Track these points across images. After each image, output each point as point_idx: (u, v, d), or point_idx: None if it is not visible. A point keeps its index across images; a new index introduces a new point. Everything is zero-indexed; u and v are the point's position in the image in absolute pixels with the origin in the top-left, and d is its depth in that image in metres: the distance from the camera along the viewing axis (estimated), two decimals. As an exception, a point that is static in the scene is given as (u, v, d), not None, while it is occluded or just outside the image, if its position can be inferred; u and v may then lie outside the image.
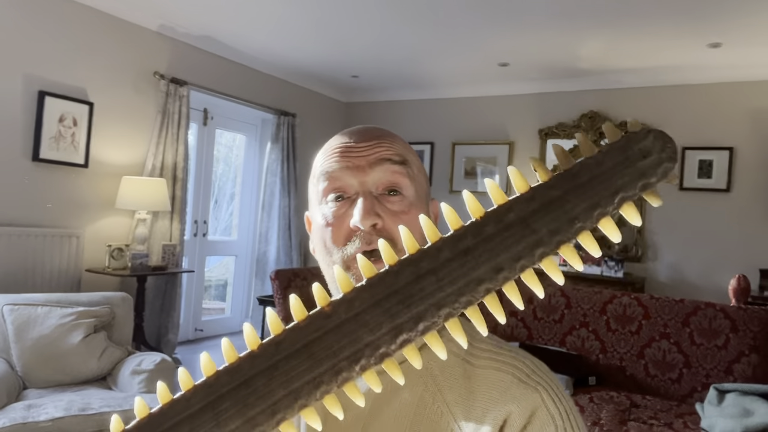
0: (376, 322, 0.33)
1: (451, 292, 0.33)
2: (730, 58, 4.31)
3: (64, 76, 3.74)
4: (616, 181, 0.33)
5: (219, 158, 5.57)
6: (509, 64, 4.85)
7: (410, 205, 0.63)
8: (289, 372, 0.33)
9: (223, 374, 0.34)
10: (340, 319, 0.33)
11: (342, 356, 0.33)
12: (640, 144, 0.33)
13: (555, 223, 0.33)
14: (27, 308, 2.73)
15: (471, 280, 0.33)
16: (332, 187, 0.64)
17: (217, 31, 4.46)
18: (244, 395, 0.33)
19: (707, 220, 4.65)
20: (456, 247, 0.33)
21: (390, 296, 0.33)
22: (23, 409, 2.26)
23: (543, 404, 0.58)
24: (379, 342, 0.32)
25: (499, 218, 0.33)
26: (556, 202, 0.33)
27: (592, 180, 0.33)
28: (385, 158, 0.63)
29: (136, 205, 3.89)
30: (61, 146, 3.72)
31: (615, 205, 0.33)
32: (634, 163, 0.33)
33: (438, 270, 0.33)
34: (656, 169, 0.33)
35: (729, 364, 2.66)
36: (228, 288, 5.69)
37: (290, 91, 5.62)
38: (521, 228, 0.33)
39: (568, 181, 0.33)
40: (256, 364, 0.33)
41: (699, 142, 4.71)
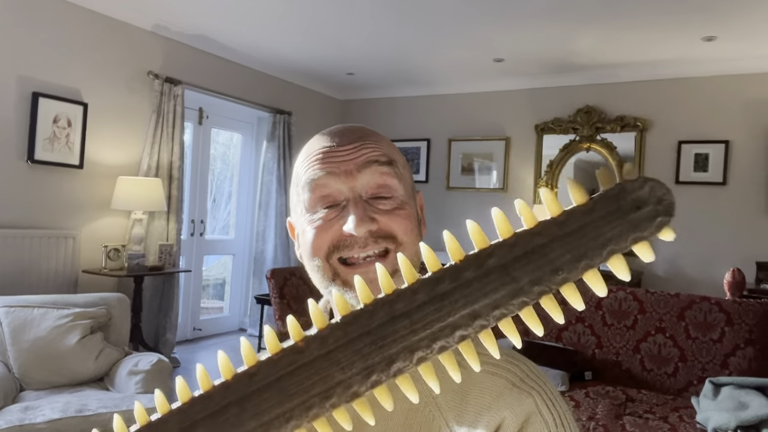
0: (348, 361, 0.32)
1: (425, 337, 0.32)
2: (724, 52, 4.31)
3: (57, 77, 3.73)
4: (605, 232, 0.31)
5: (216, 157, 5.56)
6: (504, 60, 4.85)
7: (401, 202, 0.62)
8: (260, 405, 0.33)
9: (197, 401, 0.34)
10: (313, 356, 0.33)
11: (313, 392, 0.33)
12: (634, 194, 0.31)
13: (537, 272, 0.31)
14: (23, 310, 2.73)
15: (446, 326, 0.32)
16: (320, 195, 0.61)
17: (211, 30, 4.46)
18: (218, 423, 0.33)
19: (704, 213, 4.66)
20: (432, 291, 0.32)
21: (363, 336, 0.33)
22: (20, 411, 2.27)
23: (537, 409, 0.58)
24: (350, 381, 0.32)
25: (480, 263, 0.32)
26: (539, 251, 0.31)
27: (581, 229, 0.31)
28: (372, 160, 0.61)
29: (132, 206, 3.89)
30: (56, 147, 3.71)
31: (603, 258, 0.31)
32: (626, 215, 0.31)
33: (412, 313, 0.32)
34: (650, 222, 0.31)
35: (724, 357, 2.67)
36: (226, 287, 5.70)
37: (286, 89, 5.61)
38: (501, 275, 0.32)
39: (555, 228, 0.32)
40: (228, 394, 0.34)
41: (695, 136, 4.71)
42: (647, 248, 0.31)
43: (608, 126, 5.00)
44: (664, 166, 4.82)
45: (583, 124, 5.09)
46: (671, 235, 0.31)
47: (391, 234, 0.60)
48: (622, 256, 0.31)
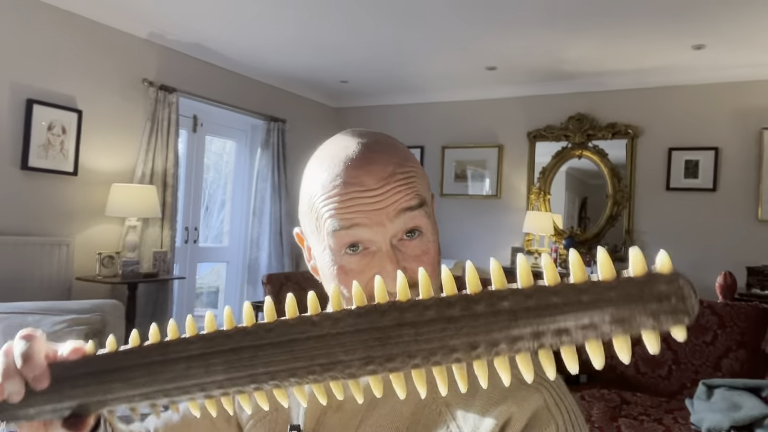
0: (352, 346, 0.35)
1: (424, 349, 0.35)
2: (713, 60, 4.38)
3: (52, 84, 3.73)
4: (621, 312, 0.32)
5: (209, 165, 5.56)
6: (497, 68, 4.90)
7: (428, 242, 0.60)
8: (270, 356, 0.37)
9: (220, 336, 0.38)
10: (323, 332, 0.36)
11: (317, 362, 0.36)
12: (662, 286, 0.32)
13: (542, 327, 0.33)
14: (17, 317, 2.71)
15: (445, 346, 0.34)
16: (345, 242, 0.58)
17: (205, 38, 4.48)
18: (232, 359, 0.37)
19: (694, 219, 4.71)
20: (442, 312, 0.35)
21: (371, 330, 0.35)
22: (14, 418, 2.25)
23: (545, 404, 0.58)
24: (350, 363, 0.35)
25: (493, 302, 0.34)
26: (551, 310, 0.33)
27: (597, 302, 0.32)
28: (404, 207, 0.58)
29: (126, 212, 3.88)
30: (50, 154, 3.71)
31: (609, 333, 0.32)
32: (647, 302, 0.32)
33: (419, 325, 0.35)
34: (668, 315, 0.31)
35: (717, 359, 2.70)
36: (220, 294, 5.68)
37: (280, 96, 5.63)
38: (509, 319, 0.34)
39: (573, 294, 0.33)
40: (246, 339, 0.37)
41: (685, 143, 4.77)
42: (655, 338, 0.32)
43: (600, 133, 5.05)
44: (654, 173, 4.88)
45: (574, 132, 5.15)
46: (684, 335, 0.31)
47: (415, 283, 0.59)
48: (627, 338, 0.32)
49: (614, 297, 0.32)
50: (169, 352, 0.39)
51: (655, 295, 0.32)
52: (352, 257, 0.58)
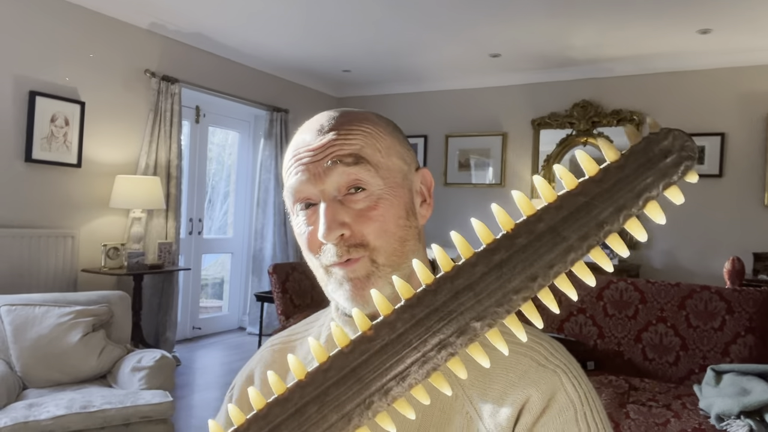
0: (420, 340, 0.34)
1: (490, 305, 0.34)
2: (719, 44, 4.34)
3: (54, 76, 3.72)
4: (639, 183, 0.34)
5: (212, 157, 5.55)
6: (500, 55, 4.86)
7: (377, 199, 0.60)
8: (339, 397, 0.34)
9: (274, 405, 0.35)
10: (384, 341, 0.34)
11: (389, 376, 0.34)
12: (660, 145, 0.34)
13: (584, 228, 0.34)
14: (24, 308, 2.72)
15: (508, 291, 0.34)
16: (296, 199, 0.62)
17: (207, 28, 4.45)
18: (298, 424, 0.34)
19: (700, 206, 4.69)
20: (490, 261, 0.34)
21: (430, 315, 0.34)
22: (24, 408, 2.26)
23: (562, 387, 0.57)
24: (425, 358, 0.34)
25: (530, 229, 0.34)
26: (583, 209, 0.34)
27: (617, 184, 0.34)
28: (336, 160, 0.60)
29: (130, 204, 3.88)
30: (54, 146, 3.70)
31: (640, 206, 0.34)
32: (655, 164, 0.34)
33: (474, 285, 0.34)
34: (677, 167, 0.34)
35: (725, 345, 2.69)
36: (225, 286, 5.69)
37: (282, 86, 5.61)
38: (552, 236, 0.34)
39: (594, 186, 0.34)
40: (306, 393, 0.34)
41: (691, 129, 4.74)
42: (678, 192, 0.34)
43: (604, 120, 5.02)
44: (660, 159, 4.84)
45: (579, 119, 5.11)
46: (696, 177, 0.35)
47: (361, 242, 0.59)
48: (656, 203, 0.34)
49: (629, 172, 0.34)
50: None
51: (660, 155, 0.34)
52: (305, 213, 0.62)
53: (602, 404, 0.61)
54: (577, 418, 0.56)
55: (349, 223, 0.59)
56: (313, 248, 0.61)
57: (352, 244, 0.59)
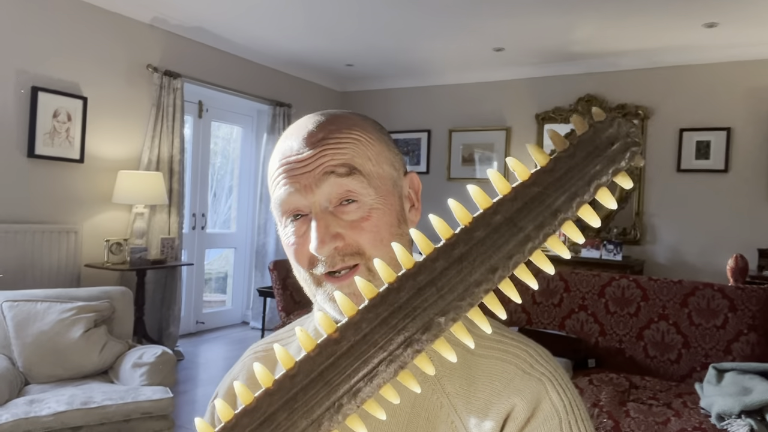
0: (386, 339, 0.34)
1: (453, 299, 0.34)
2: (725, 38, 4.29)
3: (56, 71, 3.72)
4: (589, 170, 0.35)
5: (217, 151, 5.55)
6: (504, 49, 4.82)
7: (369, 209, 0.59)
8: (308, 402, 0.34)
9: (242, 416, 0.34)
10: (350, 343, 0.34)
11: (358, 377, 0.34)
12: (606, 132, 0.35)
13: (539, 217, 0.34)
14: (26, 304, 2.73)
15: (470, 284, 0.34)
16: (285, 210, 0.60)
17: (209, 23, 4.44)
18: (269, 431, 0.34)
19: (705, 201, 4.65)
20: (450, 256, 0.35)
21: (394, 313, 0.34)
22: (25, 404, 2.27)
23: (547, 395, 0.57)
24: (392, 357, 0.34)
25: (488, 222, 0.35)
26: (537, 198, 0.35)
27: (568, 172, 0.35)
28: (328, 171, 0.58)
29: (133, 200, 3.89)
30: (56, 142, 3.71)
31: (591, 193, 0.35)
32: (603, 152, 0.35)
33: (436, 280, 0.34)
34: (624, 153, 0.35)
35: (728, 343, 2.67)
36: (228, 280, 5.70)
37: (285, 81, 5.59)
38: (509, 227, 0.35)
39: (546, 176, 0.35)
40: (274, 401, 0.34)
41: (696, 123, 4.69)
42: (625, 178, 0.35)
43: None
44: (665, 154, 4.81)
45: (584, 113, 5.07)
46: (642, 161, 0.36)
47: (357, 251, 0.58)
48: (606, 189, 0.35)
49: (578, 161, 0.35)
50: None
51: (607, 142, 0.35)
52: (294, 224, 0.60)
53: (587, 411, 0.61)
54: (562, 427, 0.56)
55: (342, 234, 0.58)
56: (302, 260, 0.60)
57: (347, 253, 0.58)
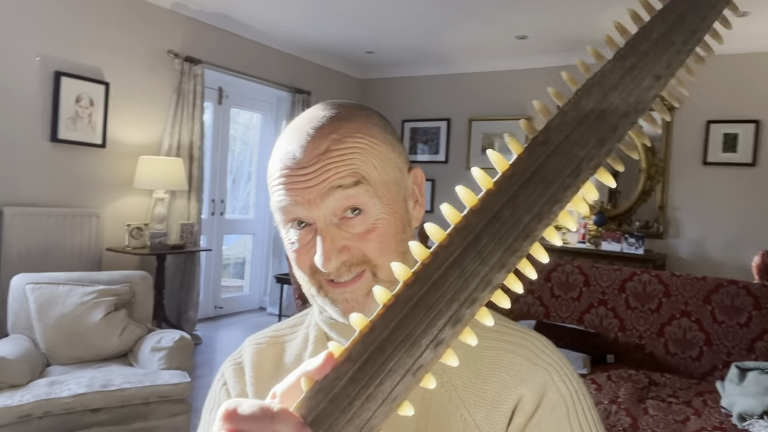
0: (584, 138, 0.37)
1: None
2: (757, 28, 4.16)
3: (79, 56, 3.74)
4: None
5: (236, 137, 5.57)
6: (527, 37, 4.74)
7: (376, 219, 0.58)
8: (528, 198, 0.36)
9: (471, 216, 0.37)
10: (555, 144, 0.37)
11: (566, 173, 0.36)
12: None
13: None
14: (49, 287, 2.78)
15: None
16: (288, 219, 0.59)
17: (230, 8, 4.42)
18: (497, 228, 0.36)
19: (731, 195, 4.54)
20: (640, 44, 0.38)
21: (588, 115, 0.37)
22: (46, 386, 2.32)
23: (554, 385, 0.58)
24: (591, 154, 0.37)
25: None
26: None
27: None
28: (335, 185, 0.56)
29: (153, 185, 3.92)
30: (79, 126, 3.74)
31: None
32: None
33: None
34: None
35: (751, 341, 2.62)
36: (246, 266, 5.75)
37: (305, 68, 5.57)
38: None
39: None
40: (498, 200, 0.37)
41: (724, 115, 4.58)
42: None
43: (634, 105, 4.88)
44: (691, 147, 4.71)
45: (607, 104, 4.97)
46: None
47: (363, 259, 0.58)
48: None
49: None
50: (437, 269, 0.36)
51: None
52: (299, 231, 0.59)
53: (593, 402, 0.61)
54: (569, 416, 0.57)
55: (348, 246, 0.57)
56: (304, 267, 0.59)
57: (353, 263, 0.57)
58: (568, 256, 4.66)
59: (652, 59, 0.38)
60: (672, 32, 0.38)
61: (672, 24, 0.39)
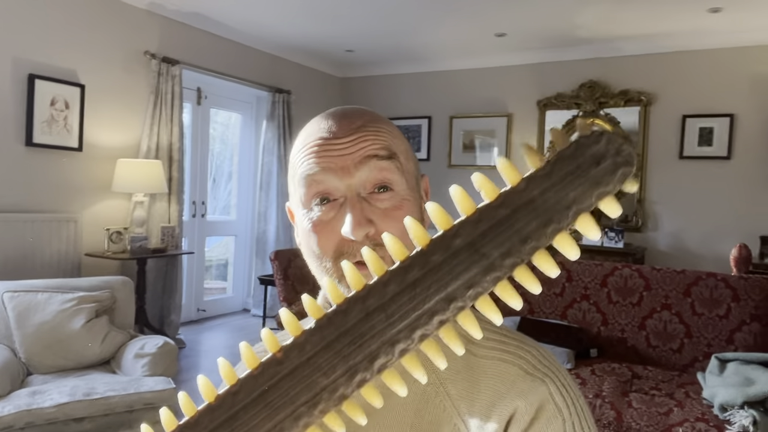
0: (330, 364, 0.32)
1: (403, 328, 0.31)
2: (730, 23, 4.23)
3: (53, 58, 3.67)
4: (568, 193, 0.30)
5: (215, 137, 5.51)
6: (506, 35, 4.77)
7: (402, 199, 0.59)
8: (248, 422, 0.32)
9: (184, 428, 0.33)
10: (293, 365, 0.32)
11: (299, 402, 0.32)
12: (591, 149, 0.30)
13: (506, 244, 0.30)
14: (27, 295, 2.72)
15: (422, 314, 0.31)
16: (315, 191, 0.59)
17: (207, 8, 4.37)
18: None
19: (708, 188, 4.63)
20: (403, 281, 0.31)
21: (341, 337, 0.32)
22: (28, 396, 2.27)
23: (550, 397, 0.57)
24: (335, 384, 0.32)
25: (446, 245, 0.31)
26: (505, 222, 0.30)
27: (543, 194, 0.30)
28: (371, 155, 0.58)
29: (132, 188, 3.86)
30: (54, 130, 3.67)
31: (569, 219, 0.30)
32: (586, 172, 0.30)
33: (386, 306, 0.31)
34: (612, 175, 0.29)
35: (730, 333, 2.67)
36: (229, 267, 5.70)
37: (284, 67, 5.54)
38: (470, 254, 0.31)
39: (517, 197, 0.31)
40: (216, 416, 0.33)
41: (699, 110, 4.66)
42: (613, 203, 0.30)
43: (612, 101, 4.94)
44: (668, 141, 4.78)
45: (586, 99, 5.03)
46: (634, 186, 0.30)
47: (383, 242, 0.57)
48: (589, 215, 0.30)
49: (556, 181, 0.30)
50: None
51: (592, 161, 0.30)
52: (321, 209, 0.59)
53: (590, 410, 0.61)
54: (566, 427, 0.56)
55: (374, 221, 0.57)
56: (327, 247, 0.58)
57: (378, 243, 0.57)
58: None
59: (446, 275, 0.31)
60: (486, 240, 0.31)
61: (490, 228, 0.31)
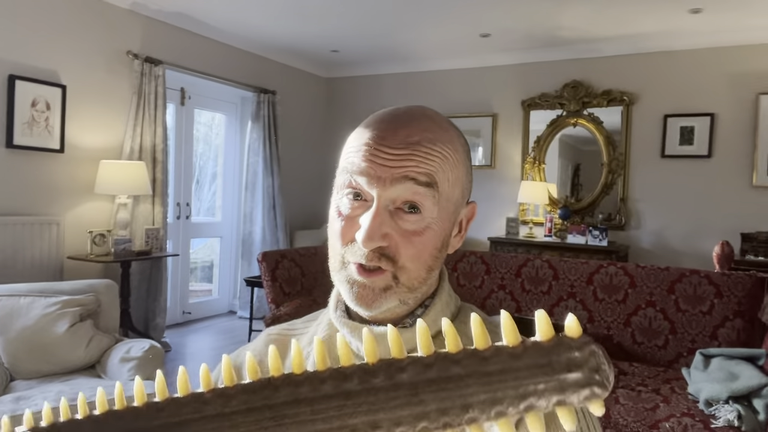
0: (246, 427, 0.32)
1: (321, 430, 0.31)
2: (710, 24, 4.30)
3: (33, 59, 3.61)
4: (528, 384, 0.29)
5: (199, 137, 5.47)
6: (490, 35, 4.79)
7: (426, 226, 0.60)
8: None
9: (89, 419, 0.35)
10: (215, 411, 0.32)
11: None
12: (571, 353, 0.28)
13: (447, 402, 0.29)
14: (9, 299, 2.67)
15: (345, 426, 0.31)
16: (350, 185, 0.61)
17: (190, 8, 4.33)
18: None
19: (689, 186, 4.70)
20: (339, 386, 0.31)
21: (264, 409, 0.32)
22: (12, 402, 2.23)
23: None
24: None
25: (391, 374, 0.31)
26: (454, 381, 0.30)
27: (503, 373, 0.29)
28: (410, 176, 0.58)
29: (115, 190, 3.82)
30: (35, 131, 3.61)
31: (519, 410, 0.29)
32: (556, 373, 0.28)
33: (315, 402, 0.31)
34: (580, 389, 0.28)
35: (714, 329, 2.72)
36: (214, 269, 5.65)
37: (269, 67, 5.51)
38: (409, 394, 0.30)
39: (476, 362, 0.30)
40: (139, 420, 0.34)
41: (680, 109, 4.73)
42: (570, 415, 0.28)
43: (595, 101, 4.99)
44: (650, 140, 4.84)
45: (569, 99, 5.08)
46: (601, 410, 0.28)
47: (393, 257, 0.59)
48: (540, 416, 0.29)
49: (521, 367, 0.29)
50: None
51: (566, 365, 0.28)
52: (352, 201, 0.61)
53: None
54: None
55: (390, 236, 0.59)
56: (344, 236, 0.61)
57: (385, 255, 0.59)
58: (535, 250, 4.75)
59: (380, 402, 0.30)
60: (430, 389, 0.29)
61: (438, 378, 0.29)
